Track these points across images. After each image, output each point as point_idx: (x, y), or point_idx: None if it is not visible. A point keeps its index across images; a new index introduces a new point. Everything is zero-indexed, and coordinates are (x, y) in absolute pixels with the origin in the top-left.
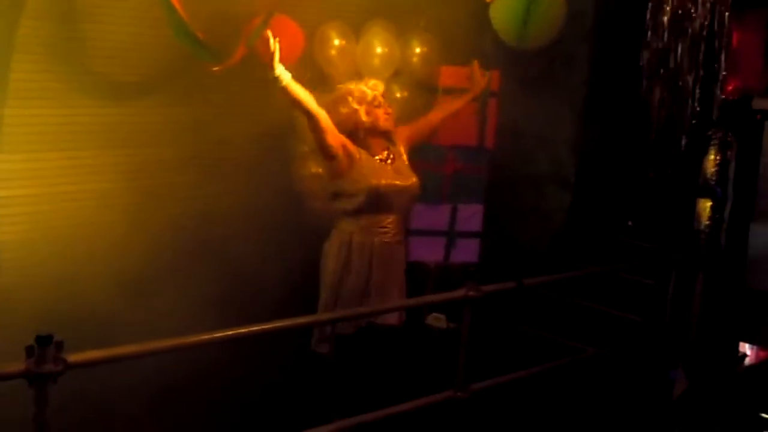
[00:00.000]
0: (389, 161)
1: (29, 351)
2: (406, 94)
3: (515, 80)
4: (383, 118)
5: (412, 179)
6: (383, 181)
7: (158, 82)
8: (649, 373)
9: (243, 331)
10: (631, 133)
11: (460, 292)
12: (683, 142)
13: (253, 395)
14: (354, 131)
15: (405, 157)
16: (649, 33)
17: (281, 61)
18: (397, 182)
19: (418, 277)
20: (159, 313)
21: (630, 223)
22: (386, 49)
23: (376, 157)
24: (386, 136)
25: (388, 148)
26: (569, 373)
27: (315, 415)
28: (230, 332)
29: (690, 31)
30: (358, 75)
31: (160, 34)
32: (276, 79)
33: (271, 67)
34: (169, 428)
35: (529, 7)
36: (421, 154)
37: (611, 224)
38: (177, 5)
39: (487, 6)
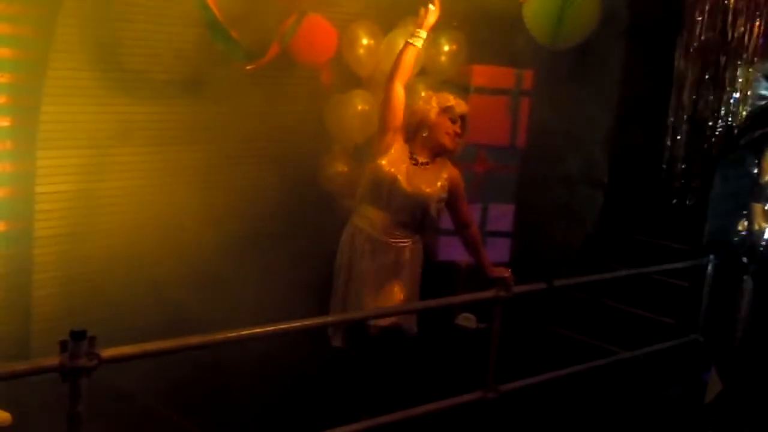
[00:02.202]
0: (422, 167)
1: (63, 346)
2: (431, 93)
3: (548, 80)
4: (448, 132)
5: (423, 189)
6: (391, 171)
7: (193, 81)
8: (682, 375)
9: (276, 328)
10: (665, 134)
11: (490, 293)
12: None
13: (279, 392)
14: (417, 128)
15: (443, 179)
16: (684, 33)
17: (313, 59)
18: (403, 183)
19: (448, 276)
20: (194, 307)
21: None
22: None
23: (415, 157)
24: (441, 152)
25: (433, 160)
26: (600, 375)
27: (343, 413)
28: (257, 330)
29: (727, 30)
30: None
31: (194, 33)
32: (414, 40)
33: (422, 28)
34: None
35: (563, 6)
36: None
37: (644, 225)
38: (212, 5)
39: (520, 5)
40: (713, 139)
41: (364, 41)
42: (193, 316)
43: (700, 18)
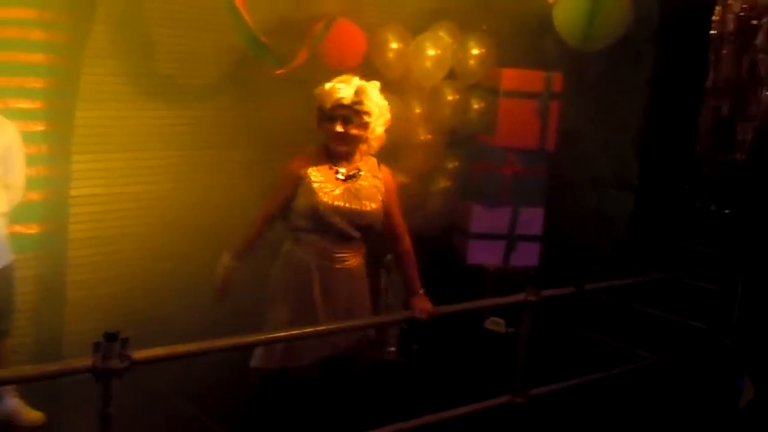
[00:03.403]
0: (350, 180)
1: (96, 347)
2: (459, 97)
3: (578, 82)
4: (331, 135)
5: (368, 205)
6: (326, 201)
7: (223, 85)
8: (715, 380)
9: (301, 332)
10: (696, 135)
11: (519, 296)
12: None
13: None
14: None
15: (377, 184)
16: (715, 32)
17: (342, 64)
18: (342, 203)
19: (477, 280)
20: (226, 308)
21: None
22: (439, 51)
23: (335, 172)
24: (348, 155)
25: (359, 169)
26: (631, 380)
27: (371, 418)
28: (283, 333)
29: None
30: (412, 77)
31: (224, 39)
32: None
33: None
34: None
35: (593, 6)
36: (481, 154)
37: (675, 229)
38: (243, 11)
39: (550, 6)
40: (746, 142)
41: (393, 45)
42: (225, 317)
43: (731, 15)
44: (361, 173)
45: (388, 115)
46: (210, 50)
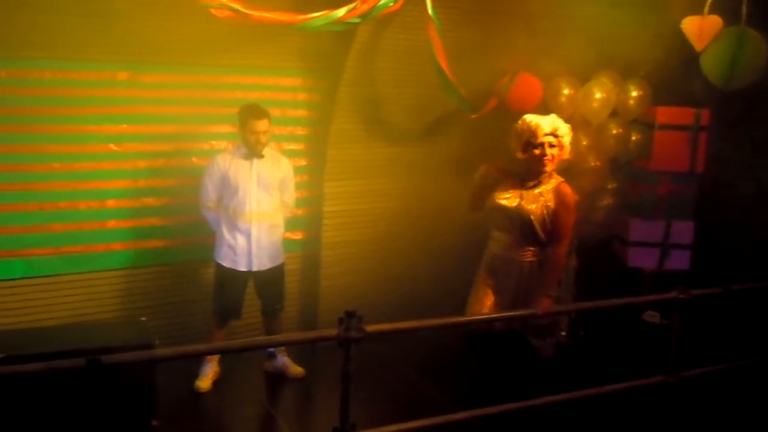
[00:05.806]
0: (529, 190)
1: (340, 321)
2: (621, 130)
3: (723, 116)
4: (539, 159)
5: (529, 206)
6: (502, 202)
7: (431, 128)
8: None
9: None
10: None
11: (671, 294)
12: None
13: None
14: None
15: (548, 198)
16: None
17: (524, 109)
18: (512, 206)
19: (636, 280)
20: (431, 294)
21: None
22: (604, 95)
23: (525, 183)
24: (542, 172)
25: (539, 182)
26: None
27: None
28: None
29: None
30: (580, 116)
31: (432, 93)
32: None
33: None
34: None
35: (735, 53)
36: (638, 178)
37: None
38: (447, 70)
39: (698, 54)
40: None
41: (565, 91)
42: (440, 297)
43: None
44: (539, 186)
45: (571, 133)
46: (422, 101)
